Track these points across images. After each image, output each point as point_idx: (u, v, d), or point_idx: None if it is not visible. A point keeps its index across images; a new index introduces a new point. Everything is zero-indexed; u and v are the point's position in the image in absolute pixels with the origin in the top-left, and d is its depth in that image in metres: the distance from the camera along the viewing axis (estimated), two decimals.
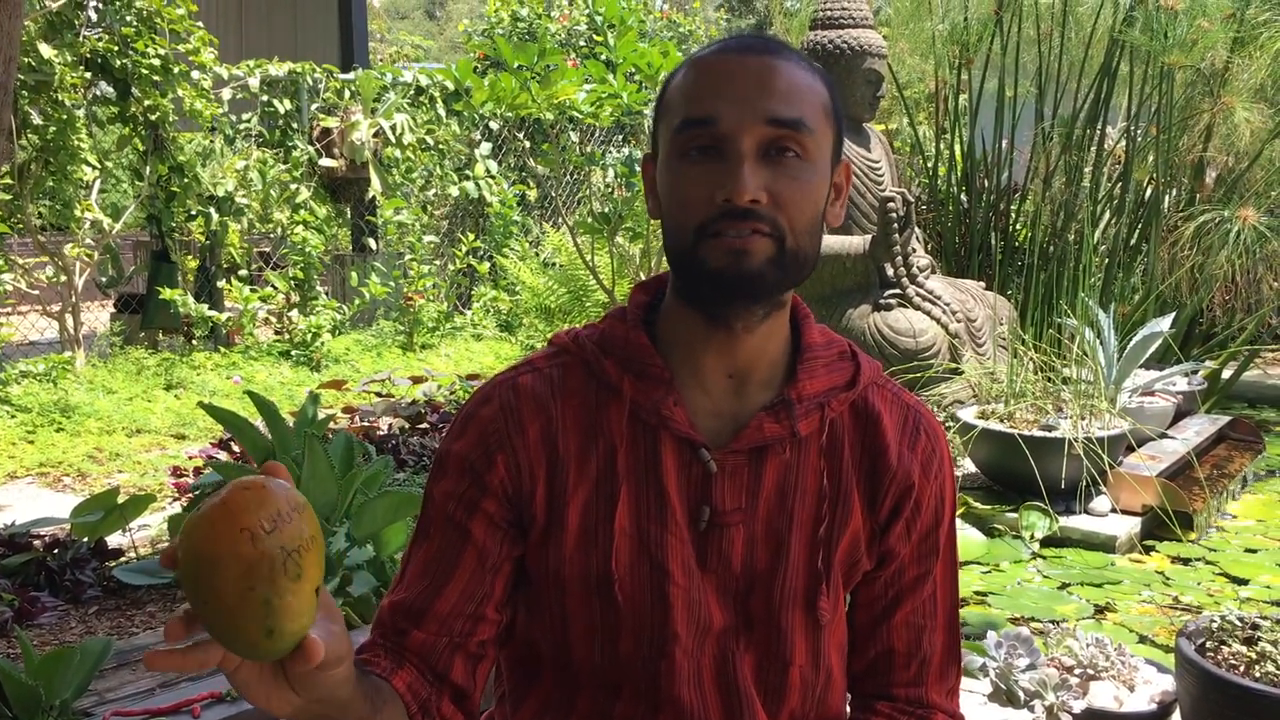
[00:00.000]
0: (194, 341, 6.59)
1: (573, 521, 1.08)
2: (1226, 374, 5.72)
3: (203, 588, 0.72)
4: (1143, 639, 3.11)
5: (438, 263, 8.27)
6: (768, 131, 1.00)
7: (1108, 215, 6.47)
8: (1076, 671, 2.50)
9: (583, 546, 1.08)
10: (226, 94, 6.79)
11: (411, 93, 7.75)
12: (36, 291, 6.17)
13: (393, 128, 7.41)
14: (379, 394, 5.86)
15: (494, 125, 8.64)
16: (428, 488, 1.13)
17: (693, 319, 1.08)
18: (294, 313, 6.89)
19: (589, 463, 1.08)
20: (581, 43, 10.24)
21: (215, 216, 6.59)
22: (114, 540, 3.33)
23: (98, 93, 6.20)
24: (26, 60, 5.46)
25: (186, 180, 6.42)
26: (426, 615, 1.07)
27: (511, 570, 1.11)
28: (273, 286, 6.88)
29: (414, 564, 1.11)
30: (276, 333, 7.13)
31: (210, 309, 6.44)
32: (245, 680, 0.83)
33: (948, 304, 4.83)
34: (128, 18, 6.07)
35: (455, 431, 1.13)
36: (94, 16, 6.04)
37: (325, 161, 7.25)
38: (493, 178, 8.30)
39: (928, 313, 4.78)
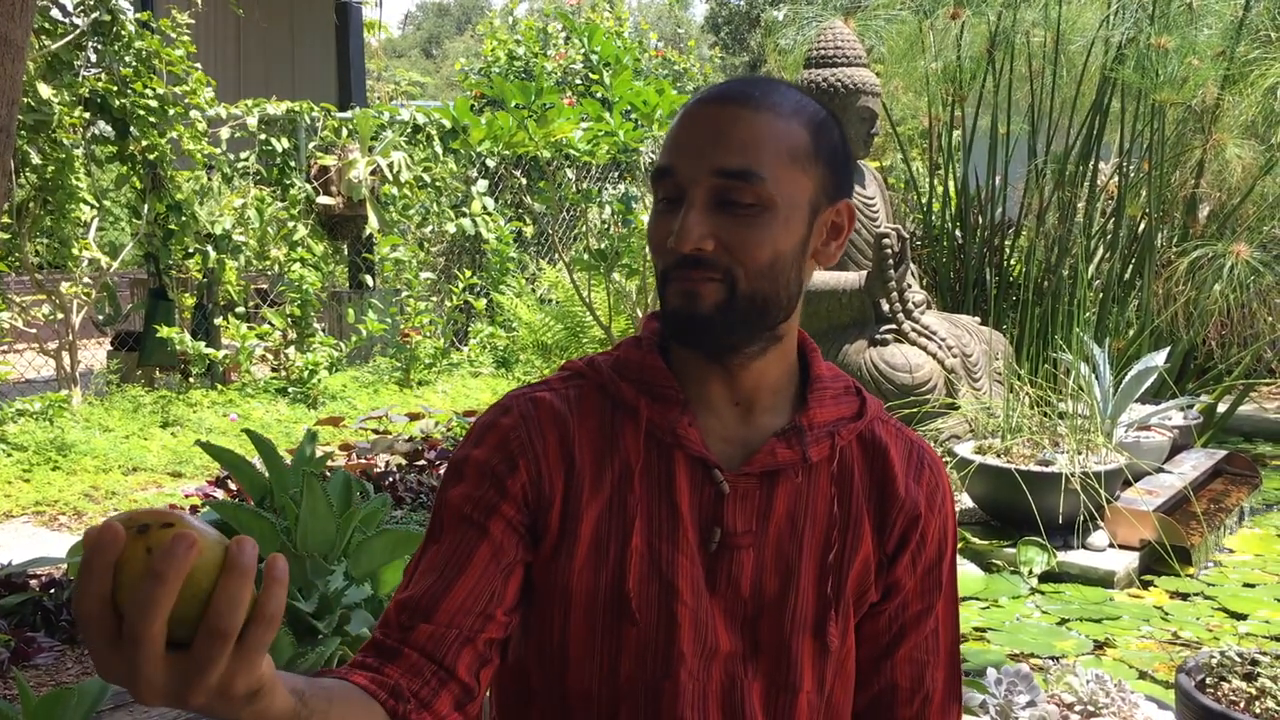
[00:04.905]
0: (191, 379, 6.59)
1: (585, 536, 1.08)
2: (1222, 408, 5.74)
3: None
4: (1142, 675, 3.10)
5: (435, 299, 8.29)
6: (716, 182, 1.04)
7: (1101, 250, 6.51)
8: (1077, 709, 2.49)
9: (593, 562, 1.08)
10: (225, 132, 6.82)
11: (409, 131, 7.79)
12: (33, 330, 6.17)
13: (390, 165, 7.45)
14: (376, 431, 5.86)
15: (491, 163, 8.69)
16: (440, 494, 1.12)
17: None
18: (291, 350, 6.90)
19: (603, 479, 1.10)
20: (578, 81, 10.33)
21: (213, 254, 6.62)
22: None
23: (96, 132, 6.23)
24: (26, 100, 5.49)
25: (184, 218, 6.45)
26: (436, 610, 1.05)
27: (523, 576, 1.10)
28: (270, 324, 6.89)
29: (423, 563, 1.09)
30: (273, 370, 7.14)
31: (207, 346, 6.45)
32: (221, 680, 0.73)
33: (943, 339, 4.84)
34: (126, 58, 6.11)
35: (473, 439, 1.13)
36: (93, 57, 6.08)
37: (323, 199, 7.29)
38: (489, 215, 8.34)
39: (923, 348, 4.79)
